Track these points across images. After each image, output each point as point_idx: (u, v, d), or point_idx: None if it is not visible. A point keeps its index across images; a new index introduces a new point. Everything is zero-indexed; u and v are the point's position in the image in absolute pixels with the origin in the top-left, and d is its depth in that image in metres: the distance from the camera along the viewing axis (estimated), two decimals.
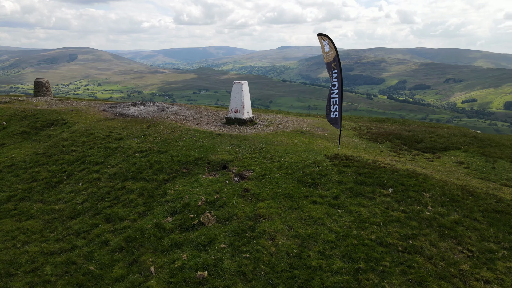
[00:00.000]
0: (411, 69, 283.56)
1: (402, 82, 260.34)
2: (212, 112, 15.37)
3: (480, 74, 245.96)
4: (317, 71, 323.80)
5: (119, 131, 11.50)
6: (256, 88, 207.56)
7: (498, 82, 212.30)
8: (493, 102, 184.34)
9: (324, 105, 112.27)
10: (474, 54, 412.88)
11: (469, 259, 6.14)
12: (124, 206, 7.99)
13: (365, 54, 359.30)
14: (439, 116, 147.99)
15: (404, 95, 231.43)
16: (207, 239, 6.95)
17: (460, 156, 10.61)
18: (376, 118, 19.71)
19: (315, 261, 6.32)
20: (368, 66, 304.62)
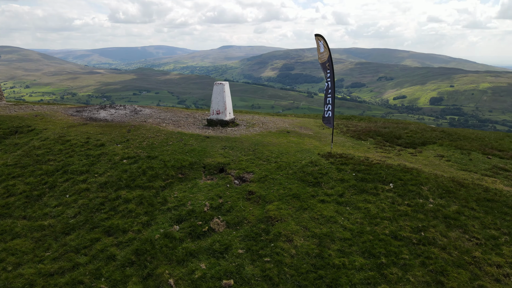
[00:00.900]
0: (347, 68, 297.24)
1: (340, 81, 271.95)
2: (187, 114, 14.90)
3: (408, 73, 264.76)
4: (259, 71, 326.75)
5: (97, 137, 10.72)
6: (199, 88, 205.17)
7: (424, 80, 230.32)
8: (420, 98, 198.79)
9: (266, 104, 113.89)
10: (403, 54, 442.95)
11: (478, 246, 6.55)
12: (124, 217, 7.46)
13: (304, 53, 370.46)
14: (374, 112, 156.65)
15: (342, 93, 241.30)
16: (222, 246, 6.70)
17: (438, 149, 11.31)
18: (342, 116, 20.38)
19: (337, 260, 6.36)
20: (308, 65, 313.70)
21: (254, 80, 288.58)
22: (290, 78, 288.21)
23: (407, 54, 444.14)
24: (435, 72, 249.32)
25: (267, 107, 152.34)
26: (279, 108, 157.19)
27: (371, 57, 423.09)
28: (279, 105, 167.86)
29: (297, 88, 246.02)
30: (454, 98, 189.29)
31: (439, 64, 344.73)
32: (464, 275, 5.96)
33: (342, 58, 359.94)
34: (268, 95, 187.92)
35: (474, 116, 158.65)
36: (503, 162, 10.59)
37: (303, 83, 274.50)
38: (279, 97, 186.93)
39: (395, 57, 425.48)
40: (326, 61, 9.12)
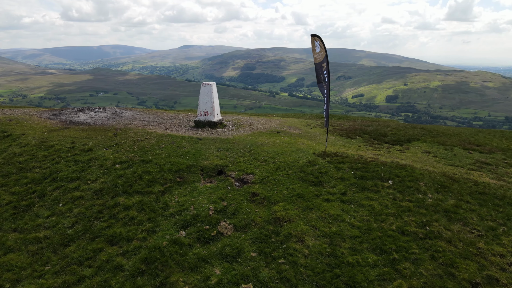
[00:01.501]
0: (307, 68, 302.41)
1: (301, 80, 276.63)
2: (170, 115, 14.52)
3: (365, 72, 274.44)
4: (220, 70, 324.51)
5: (83, 141, 10.18)
6: (160, 89, 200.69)
7: (380, 79, 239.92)
8: (377, 97, 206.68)
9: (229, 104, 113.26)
10: (360, 54, 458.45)
11: (480, 238, 6.87)
12: (126, 224, 7.13)
13: (265, 53, 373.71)
14: (334, 111, 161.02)
15: (303, 91, 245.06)
16: (234, 250, 6.58)
17: (423, 146, 11.77)
18: (319, 115, 20.70)
19: (351, 258, 6.43)
20: (269, 65, 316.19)
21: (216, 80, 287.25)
22: (252, 77, 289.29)
23: (364, 54, 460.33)
24: (390, 71, 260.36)
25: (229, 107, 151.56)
26: (242, 108, 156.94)
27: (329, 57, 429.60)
28: (241, 104, 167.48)
29: (258, 88, 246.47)
30: (408, 96, 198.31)
31: (393, 64, 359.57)
32: (472, 266, 6.22)
33: (302, 58, 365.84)
34: (230, 95, 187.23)
35: (426, 112, 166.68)
36: (484, 156, 11.19)
37: (264, 83, 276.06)
38: (241, 96, 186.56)
39: (353, 56, 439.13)
40: (322, 61, 9.20)
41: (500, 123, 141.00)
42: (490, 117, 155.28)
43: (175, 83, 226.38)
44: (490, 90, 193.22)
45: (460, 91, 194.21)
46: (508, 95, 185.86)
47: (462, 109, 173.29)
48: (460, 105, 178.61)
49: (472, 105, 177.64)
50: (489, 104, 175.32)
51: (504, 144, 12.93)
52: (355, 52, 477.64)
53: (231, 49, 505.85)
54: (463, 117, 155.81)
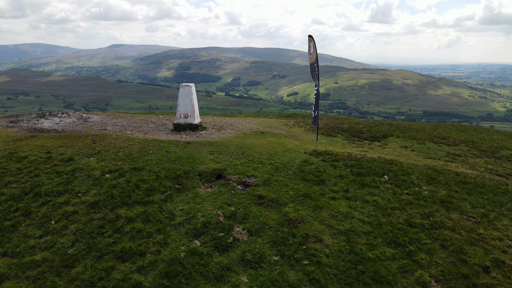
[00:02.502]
0: (243, 67, 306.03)
1: (237, 79, 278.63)
2: (142, 119, 13.76)
3: (298, 71, 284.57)
4: (154, 71, 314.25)
5: (58, 150, 9.25)
6: (89, 90, 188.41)
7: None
8: (311, 95, 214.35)
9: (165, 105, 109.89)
10: (293, 53, 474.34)
11: (478, 224, 7.44)
12: (134, 238, 6.61)
13: (200, 53, 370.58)
14: (271, 109, 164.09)
15: (239, 91, 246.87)
16: (255, 255, 6.42)
17: (398, 141, 12.46)
18: (284, 114, 21.02)
19: (370, 253, 6.61)
20: (204, 64, 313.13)
21: (150, 80, 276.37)
22: (187, 77, 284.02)
23: (297, 53, 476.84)
24: (321, 70, 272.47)
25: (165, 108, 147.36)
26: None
27: (264, 56, 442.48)
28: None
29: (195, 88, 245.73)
30: (339, 93, 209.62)
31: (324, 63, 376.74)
32: (479, 251, 6.71)
33: (237, 57, 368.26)
34: (166, 96, 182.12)
35: (356, 109, 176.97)
36: (452, 148, 12.15)
37: (200, 83, 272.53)
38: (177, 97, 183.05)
39: (286, 56, 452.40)
40: (314, 62, 9.32)
41: (419, 116, 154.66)
42: (411, 112, 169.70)
43: (106, 84, 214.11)
44: (409, 87, 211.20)
45: (385, 88, 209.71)
46: (425, 91, 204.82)
47: (387, 104, 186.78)
48: (385, 101, 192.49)
49: (395, 100, 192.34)
50: (410, 100, 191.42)
51: (462, 136, 14.16)
52: (288, 51, 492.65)
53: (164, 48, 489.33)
54: (387, 112, 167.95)
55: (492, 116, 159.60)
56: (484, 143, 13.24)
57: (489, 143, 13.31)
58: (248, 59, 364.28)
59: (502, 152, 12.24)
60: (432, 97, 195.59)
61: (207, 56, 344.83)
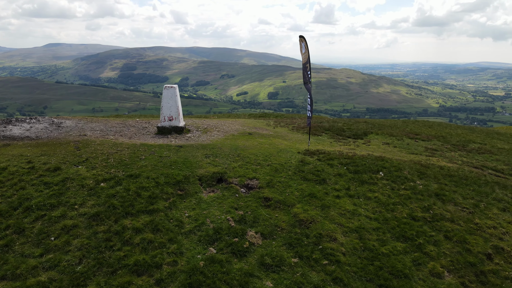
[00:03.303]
0: (191, 67, 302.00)
1: (185, 79, 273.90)
2: (119, 122, 13.05)
3: (247, 70, 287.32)
4: (97, 71, 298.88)
5: (40, 159, 8.50)
6: (24, 92, 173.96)
7: (261, 77, 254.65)
8: (260, 94, 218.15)
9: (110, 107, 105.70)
10: (241, 53, 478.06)
11: (472, 215, 7.93)
12: (146, 250, 6.25)
13: (146, 52, 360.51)
14: (220, 109, 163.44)
15: (188, 91, 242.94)
16: (274, 259, 6.35)
17: (379, 138, 12.94)
18: (256, 114, 21.04)
19: (383, 249, 6.80)
20: (151, 64, 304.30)
21: (93, 81, 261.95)
22: (133, 78, 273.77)
23: (245, 53, 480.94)
24: (270, 69, 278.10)
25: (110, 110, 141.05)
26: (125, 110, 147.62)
27: (212, 56, 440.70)
28: (123, 107, 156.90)
29: (141, 89, 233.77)
30: (287, 92, 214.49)
31: (272, 62, 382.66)
32: (479, 240, 7.15)
33: (184, 57, 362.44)
34: (111, 97, 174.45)
35: (304, 107, 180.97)
36: (428, 143, 12.85)
37: (147, 83, 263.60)
38: (123, 98, 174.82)
39: (234, 55, 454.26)
40: (306, 62, 9.39)
41: (362, 113, 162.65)
42: (355, 109, 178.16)
43: (43, 86, 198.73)
44: (353, 85, 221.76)
45: (330, 86, 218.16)
46: (367, 89, 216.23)
47: (333, 102, 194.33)
48: (331, 99, 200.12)
49: (340, 98, 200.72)
50: (354, 97, 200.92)
51: (432, 132, 15.04)
52: (236, 51, 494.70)
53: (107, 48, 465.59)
54: (334, 110, 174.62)
55: (427, 111, 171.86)
56: (453, 137, 14.16)
57: (456, 137, 14.25)
58: (196, 59, 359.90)
59: (471, 146, 13.16)
60: (374, 95, 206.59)
61: (153, 56, 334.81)
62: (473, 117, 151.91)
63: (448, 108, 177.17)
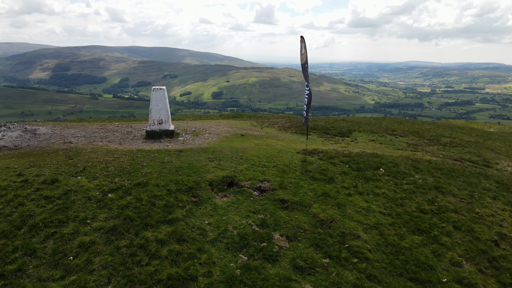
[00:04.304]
0: (131, 67, 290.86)
1: (125, 80, 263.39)
2: (99, 127, 12.20)
3: (190, 70, 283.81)
4: (25, 72, 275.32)
5: (31, 171, 7.69)
6: None
7: (205, 77, 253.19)
8: (204, 94, 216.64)
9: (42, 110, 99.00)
10: (183, 53, 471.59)
11: (471, 205, 8.49)
12: (176, 262, 5.92)
13: (80, 52, 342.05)
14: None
15: (129, 92, 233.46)
16: (306, 261, 6.34)
17: (363, 135, 13.40)
18: (229, 114, 20.84)
19: (404, 243, 7.07)
20: (86, 64, 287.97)
21: (21, 83, 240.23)
22: (67, 79, 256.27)
23: (187, 52, 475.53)
24: (213, 69, 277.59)
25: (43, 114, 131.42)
26: (59, 114, 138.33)
27: (153, 56, 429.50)
28: (57, 110, 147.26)
29: (77, 90, 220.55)
30: (231, 91, 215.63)
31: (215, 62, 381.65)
32: (484, 228, 7.68)
33: (123, 57, 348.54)
34: (42, 100, 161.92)
35: (248, 106, 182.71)
36: (407, 139, 13.55)
37: (83, 84, 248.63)
38: (57, 101, 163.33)
39: (176, 55, 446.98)
40: (305, 62, 9.45)
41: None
42: (298, 107, 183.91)
43: None
44: (295, 84, 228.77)
45: (274, 85, 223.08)
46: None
47: (277, 101, 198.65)
48: (274, 98, 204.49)
49: (283, 97, 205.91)
50: (296, 96, 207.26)
51: (405, 127, 15.88)
52: (178, 51, 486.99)
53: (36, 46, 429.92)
54: (278, 108, 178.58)
55: (364, 108, 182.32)
56: (425, 132, 15.07)
57: (428, 132, 15.19)
58: (136, 59, 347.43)
59: (444, 140, 14.10)
60: (315, 93, 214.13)
61: (89, 56, 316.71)
62: (405, 112, 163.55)
63: (382, 105, 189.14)
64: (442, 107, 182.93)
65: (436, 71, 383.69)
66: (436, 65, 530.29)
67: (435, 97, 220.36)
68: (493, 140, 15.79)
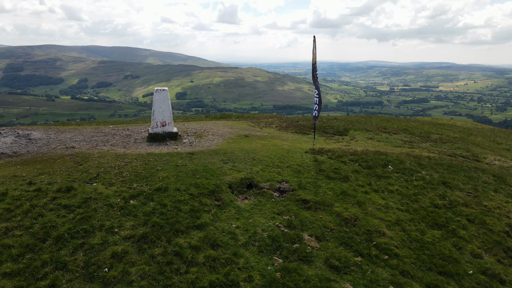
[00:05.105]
0: (90, 67, 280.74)
1: (84, 81, 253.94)
2: (95, 131, 11.66)
3: (152, 70, 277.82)
4: None
5: (42, 179, 7.23)
6: None
7: (168, 77, 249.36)
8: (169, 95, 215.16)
9: None
10: (145, 53, 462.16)
11: (478, 198, 8.88)
12: (215, 268, 5.77)
13: (34, 51, 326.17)
14: (126, 111, 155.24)
15: (88, 93, 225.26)
16: (340, 260, 6.39)
17: (359, 134, 13.67)
18: (219, 115, 20.64)
19: (426, 238, 7.29)
20: (41, 64, 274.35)
21: None
22: (20, 80, 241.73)
23: (149, 52, 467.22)
24: (176, 69, 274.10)
25: None
26: (12, 117, 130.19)
27: (113, 55, 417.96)
28: (10, 113, 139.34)
29: (31, 92, 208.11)
30: (196, 92, 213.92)
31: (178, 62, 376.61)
32: (494, 220, 8.06)
33: (82, 57, 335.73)
34: None
35: (213, 106, 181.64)
36: (400, 136, 13.97)
37: (38, 86, 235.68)
38: (9, 103, 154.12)
39: (138, 55, 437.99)
40: (315, 62, 9.51)
41: (270, 110, 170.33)
42: (263, 106, 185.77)
43: None
44: (260, 84, 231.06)
45: (238, 85, 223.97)
46: (273, 87, 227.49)
47: (241, 101, 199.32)
48: (239, 98, 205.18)
49: (248, 97, 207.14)
50: (261, 95, 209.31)
51: (394, 125, 16.38)
52: (139, 50, 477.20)
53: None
54: (243, 108, 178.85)
55: (328, 106, 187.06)
56: (414, 130, 15.62)
57: (417, 129, 15.75)
58: (96, 59, 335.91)
59: (433, 136, 14.66)
60: (279, 92, 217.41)
61: (44, 56, 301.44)
62: (366, 110, 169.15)
63: (345, 103, 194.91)
64: (400, 104, 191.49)
65: (394, 70, 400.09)
66: (394, 65, 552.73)
67: (393, 95, 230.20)
68: (475, 135, 16.62)
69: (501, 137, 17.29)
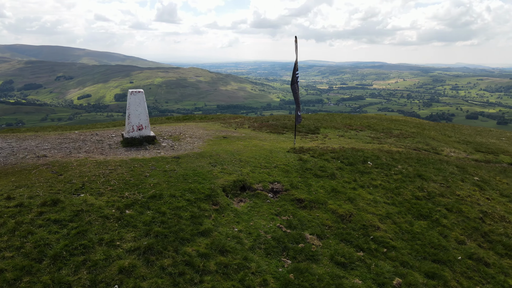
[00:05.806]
0: (16, 68, 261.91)
1: (9, 83, 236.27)
2: (61, 137, 10.73)
3: (88, 71, 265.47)
4: None
5: (21, 192, 6.51)
6: None
7: (106, 78, 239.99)
8: (106, 96, 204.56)
9: None
10: (79, 52, 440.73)
11: (450, 188, 9.57)
12: (228, 275, 5.63)
13: None
14: (60, 115, 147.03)
15: (14, 96, 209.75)
16: (344, 256, 6.57)
17: (330, 132, 14.10)
18: (184, 116, 20.14)
19: (416, 229, 7.74)
20: None
21: None
22: None
23: (83, 52, 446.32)
24: (114, 69, 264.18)
25: None
26: None
27: (42, 55, 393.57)
28: None
29: None
30: None
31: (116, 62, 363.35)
32: (468, 208, 8.74)
33: (5, 57, 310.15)
34: None
35: (155, 107, 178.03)
36: (366, 133, 14.63)
37: None
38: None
39: (71, 55, 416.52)
40: (295, 62, 9.62)
41: (214, 110, 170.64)
42: (206, 107, 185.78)
43: None
44: (202, 84, 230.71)
45: (180, 86, 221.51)
46: (216, 87, 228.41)
47: (184, 101, 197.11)
48: (182, 98, 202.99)
49: (191, 97, 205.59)
50: (204, 96, 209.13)
51: (357, 122, 17.12)
52: (72, 50, 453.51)
53: None
54: (186, 109, 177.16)
55: (271, 105, 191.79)
56: (376, 126, 16.44)
57: (378, 126, 16.60)
58: (22, 59, 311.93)
59: (395, 132, 15.55)
60: (223, 92, 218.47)
61: None
62: (308, 108, 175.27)
63: (287, 102, 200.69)
64: (339, 102, 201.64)
65: (332, 69, 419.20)
66: (332, 64, 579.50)
67: (332, 93, 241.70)
68: (428, 130, 17.90)
69: (450, 131, 18.80)
